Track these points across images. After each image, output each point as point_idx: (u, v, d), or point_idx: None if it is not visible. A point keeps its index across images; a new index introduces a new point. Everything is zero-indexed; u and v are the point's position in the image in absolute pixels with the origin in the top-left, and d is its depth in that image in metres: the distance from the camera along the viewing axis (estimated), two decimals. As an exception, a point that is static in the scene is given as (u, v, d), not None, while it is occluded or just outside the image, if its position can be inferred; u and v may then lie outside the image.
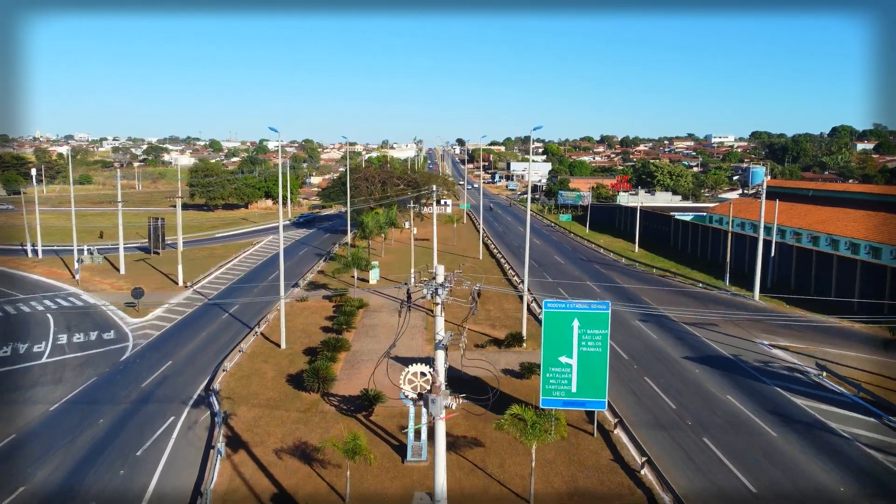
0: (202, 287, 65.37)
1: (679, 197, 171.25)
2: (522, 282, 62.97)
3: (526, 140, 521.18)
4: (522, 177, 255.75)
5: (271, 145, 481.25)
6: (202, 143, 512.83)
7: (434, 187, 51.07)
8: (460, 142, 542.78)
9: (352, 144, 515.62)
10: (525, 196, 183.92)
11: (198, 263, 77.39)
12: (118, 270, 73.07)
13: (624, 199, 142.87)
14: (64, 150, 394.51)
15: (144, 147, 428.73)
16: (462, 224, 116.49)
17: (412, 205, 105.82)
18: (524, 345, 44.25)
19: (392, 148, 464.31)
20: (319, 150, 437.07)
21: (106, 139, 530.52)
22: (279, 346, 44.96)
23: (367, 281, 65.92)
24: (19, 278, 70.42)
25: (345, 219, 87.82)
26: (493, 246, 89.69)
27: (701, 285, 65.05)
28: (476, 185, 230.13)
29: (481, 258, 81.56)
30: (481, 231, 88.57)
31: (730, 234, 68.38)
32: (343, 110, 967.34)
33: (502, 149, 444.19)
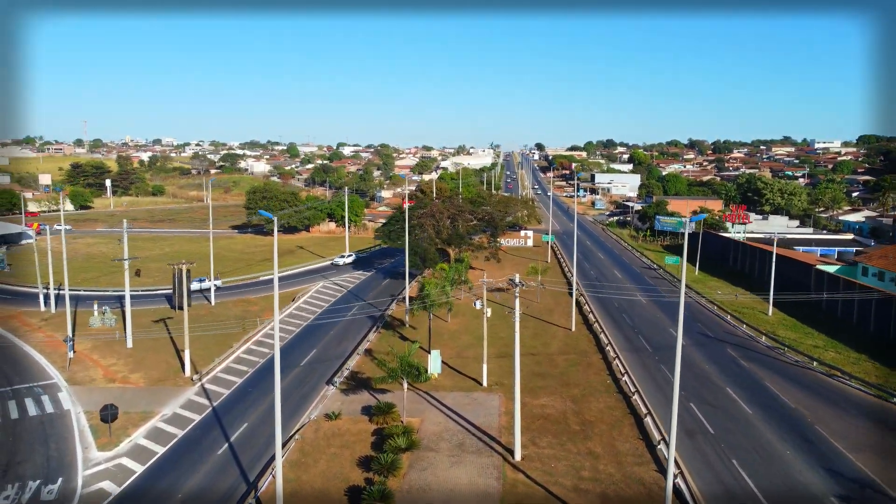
0: (214, 379, 50.72)
1: (797, 222, 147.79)
2: (637, 392, 45.39)
3: (609, 144, 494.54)
4: (608, 190, 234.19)
5: (346, 150, 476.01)
6: (280, 149, 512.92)
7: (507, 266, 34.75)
8: (539, 147, 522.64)
9: (427, 149, 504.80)
10: (615, 218, 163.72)
11: (222, 329, 63.33)
12: (126, 339, 59.60)
13: (737, 230, 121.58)
14: (146, 156, 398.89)
15: (223, 153, 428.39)
16: (544, 263, 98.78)
17: (487, 249, 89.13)
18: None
19: (469, 153, 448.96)
20: (395, 155, 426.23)
21: (189, 144, 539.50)
22: (276, 540, 29.22)
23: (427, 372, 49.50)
24: (6, 350, 57.95)
25: (407, 255, 72.02)
26: (587, 306, 71.80)
27: (896, 400, 45.50)
28: (550, 194, 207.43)
29: (574, 328, 63.99)
30: (574, 290, 70.48)
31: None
32: (420, 113, 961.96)
33: (583, 154, 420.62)
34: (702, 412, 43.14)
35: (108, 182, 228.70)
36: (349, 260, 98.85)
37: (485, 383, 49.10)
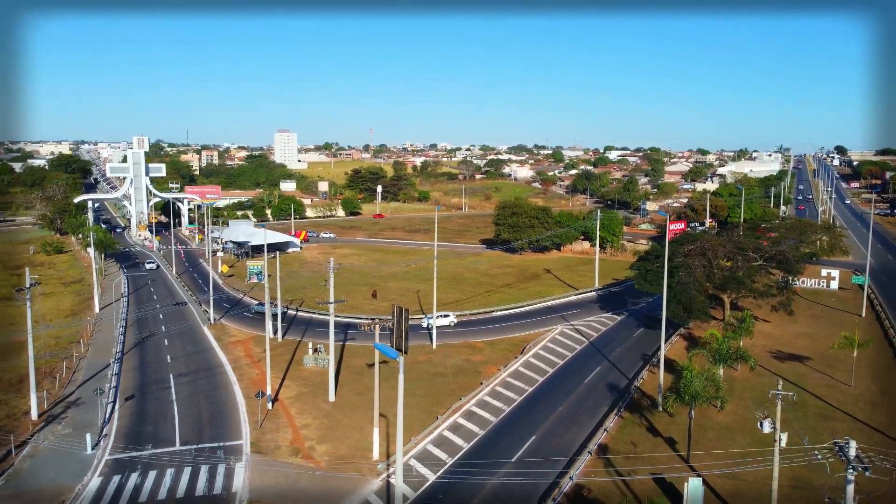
0: (406, 469, 41.02)
1: None
2: None
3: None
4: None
5: (613, 155, 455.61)
6: (546, 153, 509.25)
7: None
8: (839, 150, 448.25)
9: (703, 153, 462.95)
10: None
11: (435, 388, 54.02)
12: (329, 392, 53.02)
13: None
14: (420, 161, 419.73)
15: (489, 158, 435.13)
16: (857, 318, 74.72)
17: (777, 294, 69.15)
18: None
19: (751, 158, 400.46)
20: (665, 159, 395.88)
21: (460, 149, 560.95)
22: None
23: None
24: (216, 391, 54.83)
25: (665, 310, 56.40)
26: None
27: None
28: (870, 212, 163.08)
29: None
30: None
31: None
32: (695, 112, 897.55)
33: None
34: None
35: (378, 188, 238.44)
36: (444, 322, 72.77)
37: (772, 542, 32.61)
